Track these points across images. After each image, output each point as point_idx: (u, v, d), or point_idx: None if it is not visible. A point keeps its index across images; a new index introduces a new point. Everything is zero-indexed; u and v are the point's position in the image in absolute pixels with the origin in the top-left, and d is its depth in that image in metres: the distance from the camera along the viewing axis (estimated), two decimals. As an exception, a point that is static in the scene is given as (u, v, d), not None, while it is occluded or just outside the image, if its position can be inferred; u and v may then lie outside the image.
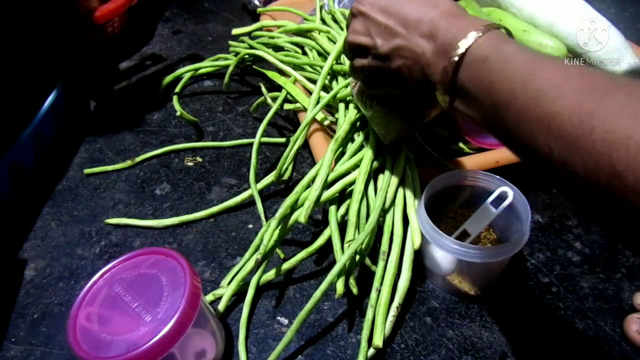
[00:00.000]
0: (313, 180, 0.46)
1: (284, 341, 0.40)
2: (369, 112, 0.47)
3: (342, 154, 0.51)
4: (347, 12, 0.69)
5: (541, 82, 0.26)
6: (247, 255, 0.48)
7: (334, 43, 0.64)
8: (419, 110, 0.44)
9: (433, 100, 0.34)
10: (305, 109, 0.60)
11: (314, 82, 0.62)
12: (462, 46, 0.30)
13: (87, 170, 0.62)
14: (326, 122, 0.59)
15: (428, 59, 0.33)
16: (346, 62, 0.61)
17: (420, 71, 0.34)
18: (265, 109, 0.63)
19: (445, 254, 0.42)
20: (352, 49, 0.40)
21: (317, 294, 0.39)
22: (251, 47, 0.71)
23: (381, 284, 0.42)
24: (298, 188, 0.46)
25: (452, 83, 0.31)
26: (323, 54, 0.66)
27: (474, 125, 0.52)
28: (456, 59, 0.30)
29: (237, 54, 0.72)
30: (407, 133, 0.48)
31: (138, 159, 0.63)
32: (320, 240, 0.46)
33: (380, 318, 0.41)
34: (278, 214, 0.44)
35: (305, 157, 0.64)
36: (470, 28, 0.31)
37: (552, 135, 0.24)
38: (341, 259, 0.40)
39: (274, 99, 0.63)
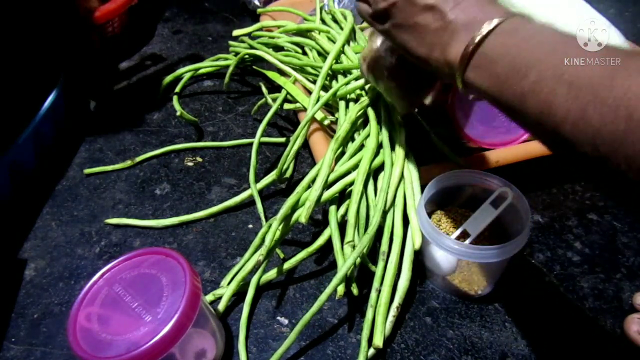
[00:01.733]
0: (314, 180, 0.46)
1: (286, 343, 0.40)
2: (381, 84, 0.48)
3: (342, 153, 0.51)
4: (347, 12, 0.69)
5: (567, 49, 0.28)
6: (247, 255, 0.48)
7: (334, 43, 0.64)
8: (419, 84, 0.46)
9: (433, 79, 0.34)
10: (305, 109, 0.60)
11: (314, 82, 0.62)
12: (495, 20, 0.32)
13: (87, 170, 0.62)
14: (326, 122, 0.59)
15: (456, 27, 0.34)
16: (345, 61, 0.61)
17: (439, 37, 0.35)
18: (265, 109, 0.63)
19: (445, 254, 0.42)
20: None
21: (323, 297, 0.39)
22: (251, 47, 0.71)
23: (381, 284, 0.42)
24: (299, 188, 0.46)
25: (472, 53, 0.32)
26: (323, 54, 0.66)
27: (473, 125, 0.52)
28: (488, 29, 0.32)
29: (237, 54, 0.72)
30: (406, 110, 0.49)
31: (138, 159, 0.63)
32: (320, 241, 0.47)
33: (380, 318, 0.41)
34: (280, 214, 0.44)
35: (305, 157, 0.64)
36: (500, 11, 0.33)
37: (571, 94, 0.26)
38: (344, 265, 0.40)
39: (275, 100, 0.63)
